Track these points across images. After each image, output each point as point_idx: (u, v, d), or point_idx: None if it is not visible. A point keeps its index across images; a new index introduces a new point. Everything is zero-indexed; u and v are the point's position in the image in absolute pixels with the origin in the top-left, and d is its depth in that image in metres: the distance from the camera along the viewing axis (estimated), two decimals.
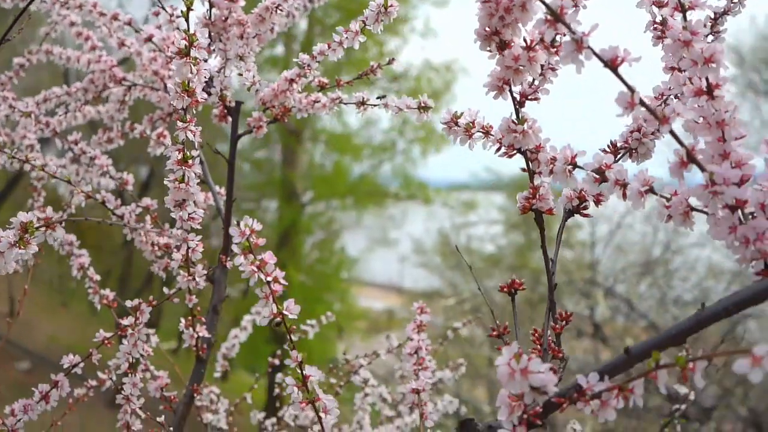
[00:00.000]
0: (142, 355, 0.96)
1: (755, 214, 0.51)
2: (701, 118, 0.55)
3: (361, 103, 0.93)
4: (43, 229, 0.66)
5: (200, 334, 0.96)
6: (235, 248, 0.61)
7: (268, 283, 0.62)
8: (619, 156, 0.69)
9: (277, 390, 1.42)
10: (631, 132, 0.69)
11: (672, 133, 0.51)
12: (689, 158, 0.51)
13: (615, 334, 6.37)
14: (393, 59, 0.99)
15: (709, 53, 0.52)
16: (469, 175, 9.78)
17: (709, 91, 0.54)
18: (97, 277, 1.09)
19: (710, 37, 0.71)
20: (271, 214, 11.80)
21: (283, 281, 0.62)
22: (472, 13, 0.59)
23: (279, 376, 1.24)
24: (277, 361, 1.56)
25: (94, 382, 1.13)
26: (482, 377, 7.63)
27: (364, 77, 0.97)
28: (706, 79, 0.53)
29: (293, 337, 0.66)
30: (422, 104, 0.81)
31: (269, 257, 0.62)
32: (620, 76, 0.51)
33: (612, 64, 0.51)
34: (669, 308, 6.40)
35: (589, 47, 0.50)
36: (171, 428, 0.93)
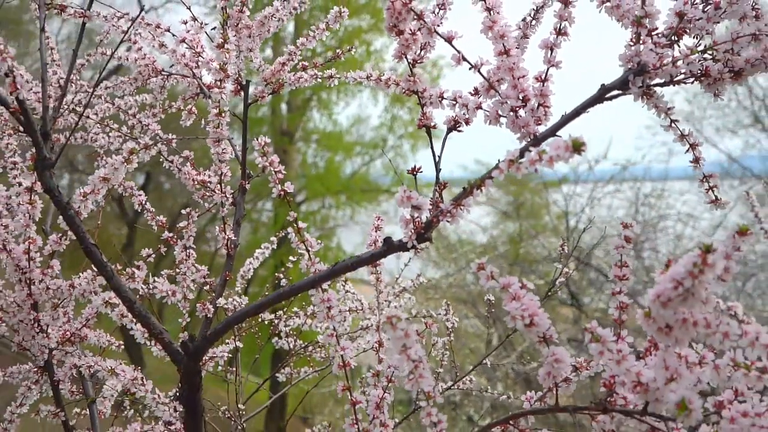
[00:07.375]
0: (187, 256, 1.43)
1: (526, 113, 0.99)
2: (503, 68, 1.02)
3: (331, 77, 1.41)
4: (144, 150, 1.13)
5: (229, 237, 1.43)
6: (255, 153, 1.08)
7: (277, 172, 1.09)
8: (481, 96, 1.16)
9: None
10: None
11: (482, 75, 0.99)
12: (490, 86, 0.99)
13: (594, 304, 6.88)
14: (353, 47, 1.48)
15: (501, 32, 1.00)
16: (459, 169, 10.24)
17: (506, 51, 1.01)
18: (153, 210, 1.56)
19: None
20: (267, 214, 12.28)
21: (283, 172, 1.10)
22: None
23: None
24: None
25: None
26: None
27: (333, 60, 1.46)
28: (503, 44, 1.01)
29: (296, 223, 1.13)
30: (368, 75, 1.28)
31: (275, 158, 1.10)
32: (453, 45, 0.98)
33: (448, 39, 0.98)
34: (642, 278, 6.89)
35: (435, 31, 0.97)
36: (214, 295, 1.41)
